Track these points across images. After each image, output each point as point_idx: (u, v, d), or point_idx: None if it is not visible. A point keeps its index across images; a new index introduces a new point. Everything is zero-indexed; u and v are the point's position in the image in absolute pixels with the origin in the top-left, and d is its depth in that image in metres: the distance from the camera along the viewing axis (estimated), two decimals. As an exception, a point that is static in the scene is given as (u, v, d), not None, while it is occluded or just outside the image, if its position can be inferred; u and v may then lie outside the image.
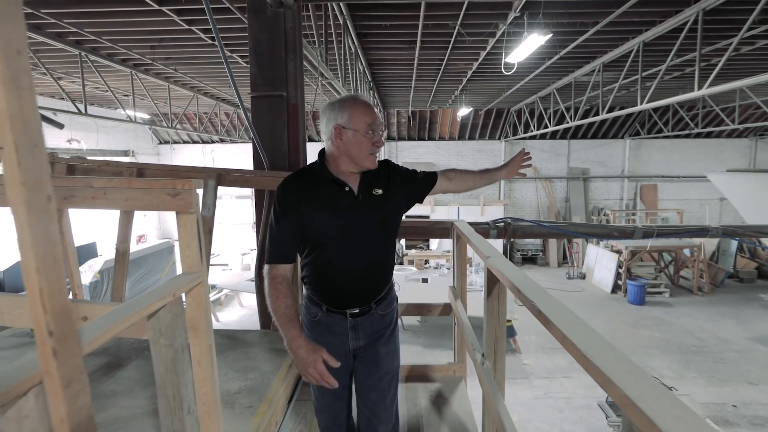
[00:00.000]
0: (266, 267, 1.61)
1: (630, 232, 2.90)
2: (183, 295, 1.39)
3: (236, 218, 14.97)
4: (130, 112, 9.70)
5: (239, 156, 15.10)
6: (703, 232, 2.89)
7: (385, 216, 1.66)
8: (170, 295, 1.30)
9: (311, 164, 1.70)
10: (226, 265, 13.33)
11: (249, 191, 14.85)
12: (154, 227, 15.49)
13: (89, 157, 7.84)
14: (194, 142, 15.94)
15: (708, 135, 15.02)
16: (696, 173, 14.77)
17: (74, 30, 5.89)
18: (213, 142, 15.81)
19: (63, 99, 7.91)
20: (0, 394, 0.79)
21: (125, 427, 1.87)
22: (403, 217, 1.84)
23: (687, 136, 14.68)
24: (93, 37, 6.22)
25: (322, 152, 1.66)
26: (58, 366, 0.85)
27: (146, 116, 11.56)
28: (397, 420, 1.89)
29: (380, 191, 1.65)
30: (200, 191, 1.88)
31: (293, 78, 2.68)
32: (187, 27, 5.65)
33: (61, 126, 5.75)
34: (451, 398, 2.53)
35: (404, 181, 1.74)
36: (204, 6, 2.12)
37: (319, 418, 1.81)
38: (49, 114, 5.94)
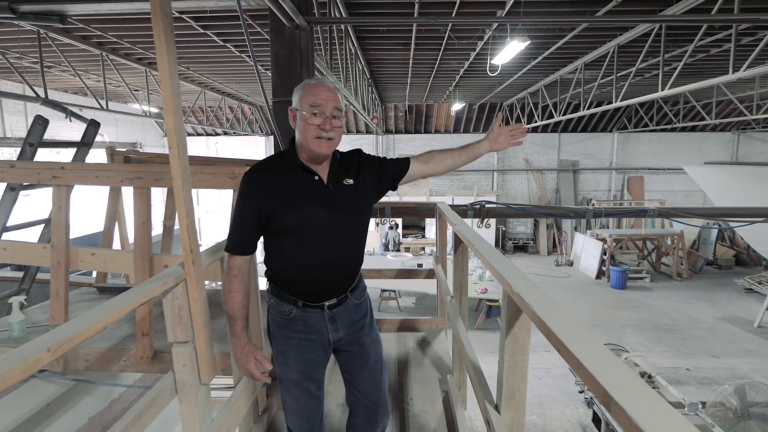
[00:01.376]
0: (225, 255, 1.57)
1: (582, 212, 3.54)
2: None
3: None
4: (142, 107, 10.27)
5: (242, 147, 15.69)
6: (642, 213, 3.52)
7: (355, 206, 1.60)
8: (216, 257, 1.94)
9: (282, 151, 1.65)
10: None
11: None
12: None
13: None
14: (198, 134, 16.50)
15: (693, 129, 15.65)
16: (681, 166, 15.42)
17: (99, 33, 6.46)
18: (217, 134, 16.38)
19: (85, 95, 8.46)
20: (167, 283, 1.44)
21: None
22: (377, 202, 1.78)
23: (673, 129, 15.32)
24: (115, 40, 6.80)
25: (293, 139, 1.59)
26: (194, 270, 1.51)
27: (155, 110, 12.12)
28: (388, 403, 1.85)
29: (351, 181, 1.60)
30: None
31: (307, 86, 3.31)
32: (202, 31, 6.23)
33: (86, 121, 6.31)
34: (433, 342, 3.20)
35: (374, 170, 1.67)
36: (243, 30, 2.73)
37: (291, 422, 1.71)
38: (76, 110, 6.50)
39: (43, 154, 2.99)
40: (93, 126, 2.80)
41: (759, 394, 4.33)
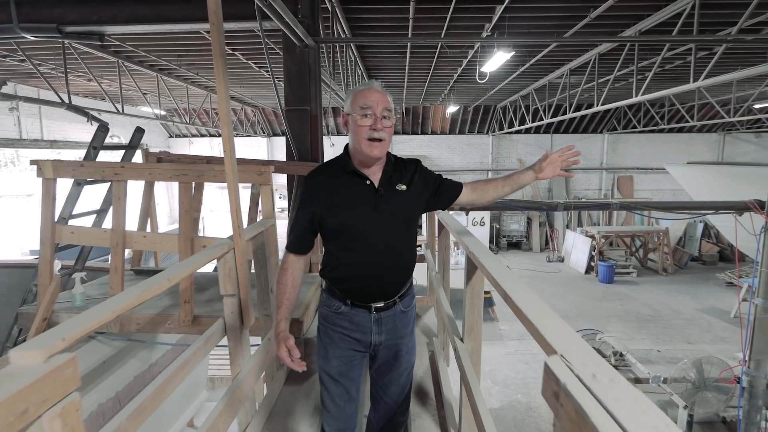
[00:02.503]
0: (285, 251, 1.71)
1: (554, 205, 4.07)
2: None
3: (241, 206, 16.10)
4: (149, 109, 10.79)
5: (245, 148, 16.21)
6: (605, 206, 4.05)
7: (406, 212, 1.63)
8: (261, 227, 2.48)
9: (337, 156, 1.70)
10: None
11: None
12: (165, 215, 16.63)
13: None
14: (202, 135, 17.02)
15: (680, 130, 16.22)
16: (663, 166, 16.00)
17: (117, 43, 6.98)
18: (219, 135, 16.89)
19: (94, 98, 8.97)
20: (222, 250, 1.96)
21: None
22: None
23: (661, 131, 15.89)
24: (131, 48, 7.32)
25: (347, 145, 1.66)
26: (241, 241, 2.04)
27: (162, 112, 12.63)
28: (408, 407, 1.93)
29: (403, 187, 1.62)
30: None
31: (314, 97, 3.83)
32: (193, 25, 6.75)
33: (105, 124, 6.84)
34: (423, 316, 3.73)
35: (430, 185, 1.71)
36: (257, 45, 3.25)
37: (328, 425, 1.76)
38: (94, 113, 7.02)
39: (41, 153, 3.50)
40: (138, 132, 3.30)
41: (714, 368, 4.87)
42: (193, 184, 3.13)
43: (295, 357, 1.56)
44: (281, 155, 15.63)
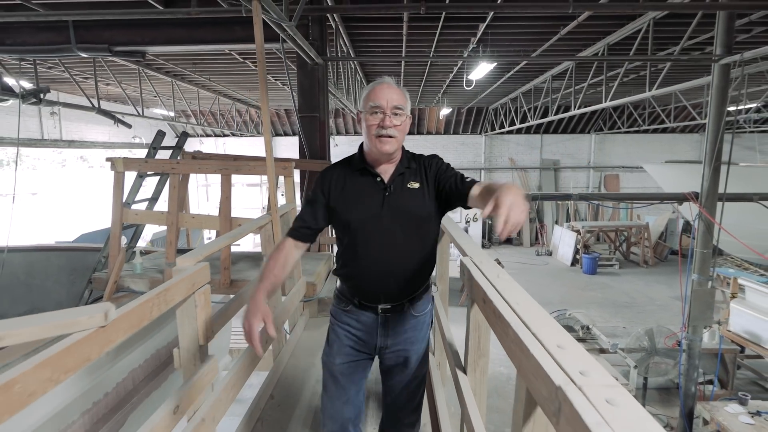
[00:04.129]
0: (284, 236, 1.68)
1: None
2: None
3: (247, 203, 16.87)
4: (169, 112, 11.58)
5: (248, 147, 16.98)
6: (567, 197, 4.81)
7: (416, 211, 1.57)
8: (287, 208, 3.26)
9: (352, 155, 1.68)
10: (239, 245, 15.28)
11: (257, 180, 16.96)
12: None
13: (136, 149, 10.00)
14: (207, 135, 17.78)
15: (664, 131, 17.05)
16: (641, 164, 16.82)
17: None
18: (225, 135, 17.66)
19: (109, 101, 9.73)
20: (264, 220, 2.77)
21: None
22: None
23: (646, 131, 16.71)
24: (152, 57, 8.08)
25: (362, 144, 1.64)
26: (277, 216, 2.84)
27: (171, 114, 13.40)
28: (419, 419, 1.85)
29: (416, 185, 1.58)
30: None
31: (322, 106, 4.62)
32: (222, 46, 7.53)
33: (129, 126, 7.63)
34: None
35: (440, 181, 1.60)
36: (284, 68, 4.04)
37: (326, 425, 1.73)
38: (119, 116, 7.79)
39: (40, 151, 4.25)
40: (160, 135, 4.02)
41: (668, 338, 5.68)
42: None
43: (270, 334, 1.52)
44: (283, 153, 16.41)
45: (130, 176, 3.75)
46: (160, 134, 3.90)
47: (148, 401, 3.32)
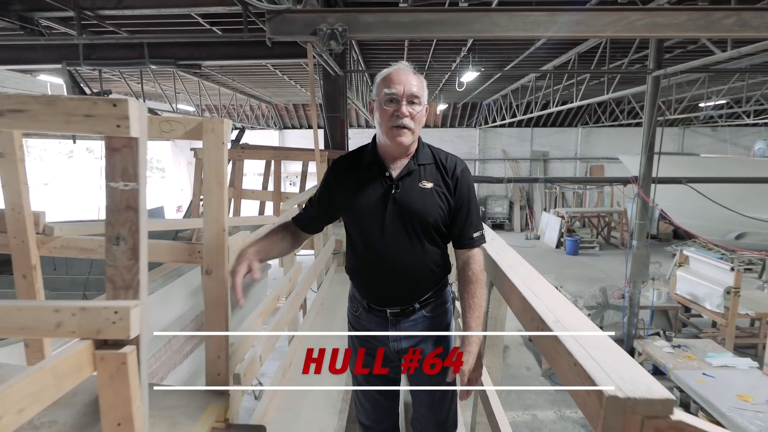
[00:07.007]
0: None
1: (498, 179, 6.10)
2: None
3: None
4: (187, 107, 12.84)
5: (263, 140, 18.23)
6: (534, 180, 6.09)
7: (423, 213, 1.45)
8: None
9: (365, 144, 1.58)
10: (249, 232, 16.64)
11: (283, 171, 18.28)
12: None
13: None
14: (220, 128, 19.02)
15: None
16: (617, 155, 18.13)
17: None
18: (236, 128, 18.93)
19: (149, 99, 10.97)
20: (309, 195, 4.08)
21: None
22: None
23: (629, 125, 17.97)
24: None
25: (375, 135, 1.54)
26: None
27: (192, 108, 14.66)
28: (455, 425, 1.73)
29: (429, 185, 1.46)
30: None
31: (342, 107, 5.92)
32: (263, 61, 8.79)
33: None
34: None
35: (456, 202, 1.50)
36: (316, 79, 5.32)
37: (361, 417, 1.75)
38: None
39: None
40: (242, 131, 5.26)
41: (615, 292, 7.04)
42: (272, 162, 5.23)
43: (254, 274, 1.43)
44: (292, 144, 17.71)
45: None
46: (242, 131, 5.17)
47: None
